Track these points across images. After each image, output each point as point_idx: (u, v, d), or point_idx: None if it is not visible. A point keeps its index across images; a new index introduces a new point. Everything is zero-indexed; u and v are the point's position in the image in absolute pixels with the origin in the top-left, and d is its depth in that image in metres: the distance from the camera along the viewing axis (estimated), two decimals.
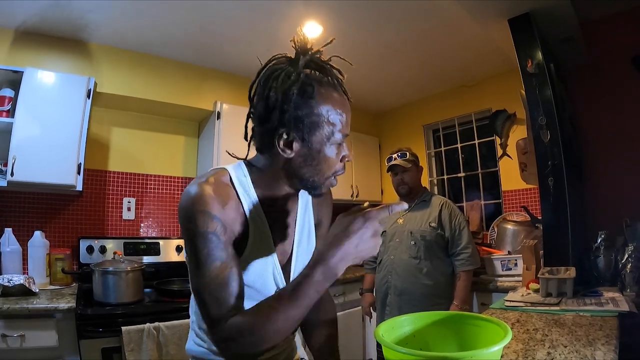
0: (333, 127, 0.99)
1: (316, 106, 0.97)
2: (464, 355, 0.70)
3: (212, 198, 0.95)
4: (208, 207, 0.93)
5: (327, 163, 1.02)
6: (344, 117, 1.01)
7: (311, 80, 0.98)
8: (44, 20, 2.74)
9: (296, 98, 0.96)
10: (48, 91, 2.68)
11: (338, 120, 1.00)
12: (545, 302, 1.83)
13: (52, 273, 2.74)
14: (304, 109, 0.97)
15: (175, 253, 3.37)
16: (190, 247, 0.93)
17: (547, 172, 2.30)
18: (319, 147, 1.00)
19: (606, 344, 1.23)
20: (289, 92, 0.96)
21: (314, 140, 0.99)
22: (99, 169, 3.29)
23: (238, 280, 0.94)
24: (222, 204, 0.96)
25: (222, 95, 3.59)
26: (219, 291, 0.91)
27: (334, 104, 1.00)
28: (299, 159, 1.00)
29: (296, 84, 0.96)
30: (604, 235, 2.31)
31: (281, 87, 0.96)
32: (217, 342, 0.92)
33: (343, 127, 1.01)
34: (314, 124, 0.98)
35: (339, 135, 1.01)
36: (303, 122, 0.97)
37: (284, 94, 0.96)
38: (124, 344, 2.25)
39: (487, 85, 4.03)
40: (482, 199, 4.07)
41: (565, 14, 2.51)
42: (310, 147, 1.00)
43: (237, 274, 0.95)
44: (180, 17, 2.82)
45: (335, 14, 2.86)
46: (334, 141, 1.01)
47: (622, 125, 2.83)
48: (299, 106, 0.97)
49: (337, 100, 1.00)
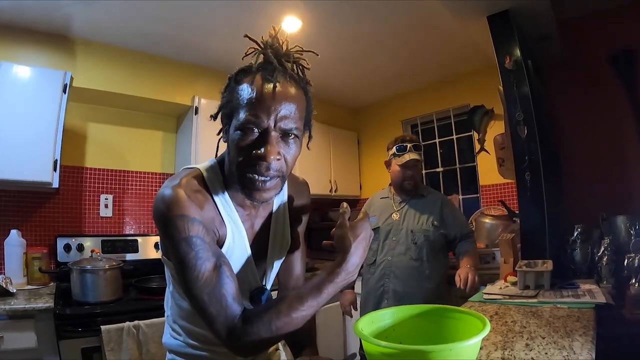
0: (240, 107, 0.92)
1: (238, 90, 0.94)
2: (443, 348, 0.70)
3: (188, 201, 0.93)
4: (185, 210, 0.91)
5: (234, 149, 0.94)
6: (253, 97, 0.90)
7: (250, 68, 0.95)
8: (20, 13, 2.68)
9: (229, 84, 0.98)
10: (23, 86, 2.62)
11: (246, 101, 0.91)
12: (523, 295, 1.86)
13: (30, 272, 2.69)
14: (230, 94, 0.96)
15: (154, 250, 3.34)
16: (175, 253, 0.91)
17: (524, 167, 2.33)
18: (232, 133, 0.94)
19: (584, 335, 1.25)
20: (229, 80, 0.98)
21: (230, 126, 0.96)
22: (75, 165, 3.24)
23: (231, 276, 0.94)
24: (198, 206, 0.95)
25: (200, 90, 3.57)
26: (216, 292, 0.90)
27: (250, 83, 0.92)
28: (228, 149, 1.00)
29: (236, 71, 0.97)
30: (580, 229, 2.34)
31: (231, 75, 0.98)
32: (226, 342, 0.91)
33: (251, 110, 0.90)
34: (233, 107, 0.94)
35: (243, 116, 0.90)
36: (227, 106, 0.97)
37: (226, 83, 0.99)
38: (104, 344, 2.23)
39: (466, 81, 4.06)
40: (460, 193, 4.12)
41: (544, 12, 2.54)
42: (228, 132, 0.97)
43: (228, 270, 0.94)
44: (158, 10, 2.78)
45: (315, 9, 2.86)
46: (238, 123, 0.91)
47: (597, 121, 2.89)
48: (227, 92, 0.98)
49: (257, 81, 0.92)
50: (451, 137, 4.26)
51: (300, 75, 0.99)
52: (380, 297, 2.54)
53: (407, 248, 2.51)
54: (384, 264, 2.55)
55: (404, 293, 2.46)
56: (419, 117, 4.56)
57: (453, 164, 4.25)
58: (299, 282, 1.32)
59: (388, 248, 2.57)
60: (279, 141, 0.92)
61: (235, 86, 0.95)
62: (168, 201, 0.91)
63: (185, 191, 0.94)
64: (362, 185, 5.01)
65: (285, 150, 0.94)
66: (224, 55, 3.40)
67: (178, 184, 0.95)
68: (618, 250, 2.08)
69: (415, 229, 2.53)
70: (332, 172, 4.53)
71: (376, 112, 5.03)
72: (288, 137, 0.94)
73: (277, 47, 0.96)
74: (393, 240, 2.56)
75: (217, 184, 1.04)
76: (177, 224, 0.89)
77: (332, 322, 3.68)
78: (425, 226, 2.53)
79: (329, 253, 4.20)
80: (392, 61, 3.81)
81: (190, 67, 3.64)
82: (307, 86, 1.01)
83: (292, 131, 0.93)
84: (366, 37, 3.31)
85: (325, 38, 3.23)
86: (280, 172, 0.95)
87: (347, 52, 3.56)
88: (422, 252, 2.48)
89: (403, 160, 2.55)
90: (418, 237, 2.51)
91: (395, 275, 2.51)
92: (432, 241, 2.50)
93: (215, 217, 1.00)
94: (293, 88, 0.94)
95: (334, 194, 4.48)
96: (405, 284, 2.47)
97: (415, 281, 2.47)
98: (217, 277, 0.90)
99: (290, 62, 0.97)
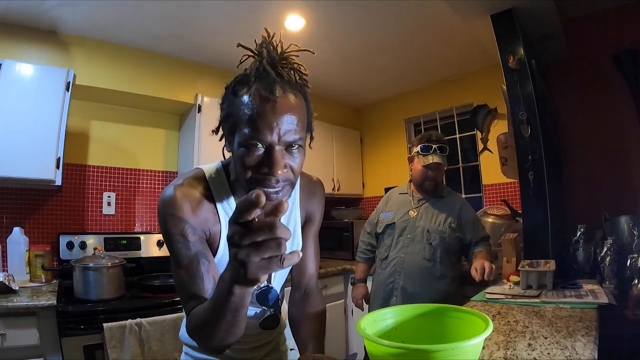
0: (242, 122, 0.92)
1: (238, 103, 0.94)
2: (446, 347, 0.70)
3: (183, 201, 1.00)
4: (177, 210, 0.99)
5: (239, 164, 0.95)
6: (255, 113, 0.90)
7: (246, 78, 0.95)
8: (22, 12, 2.68)
9: (226, 95, 0.98)
10: (26, 84, 2.62)
11: (247, 117, 0.90)
12: (526, 295, 1.85)
13: (32, 270, 2.70)
14: (230, 107, 0.96)
15: (157, 248, 3.34)
16: (167, 246, 1.02)
17: (528, 166, 2.33)
18: (236, 148, 0.94)
19: (586, 335, 1.25)
20: (226, 90, 0.98)
21: (234, 140, 0.96)
22: (78, 163, 3.24)
23: (206, 274, 1.00)
24: (192, 207, 1.01)
25: (203, 88, 3.58)
26: (187, 284, 0.98)
27: (250, 97, 0.92)
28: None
29: (233, 82, 0.96)
30: (583, 229, 2.34)
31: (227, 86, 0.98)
32: (188, 333, 1.01)
33: (253, 127, 0.89)
34: (235, 122, 0.94)
35: (246, 132, 0.90)
36: (228, 120, 0.97)
37: (223, 93, 0.99)
38: (106, 341, 2.23)
39: (469, 80, 4.06)
40: (463, 192, 4.11)
41: (547, 11, 2.53)
42: (232, 144, 0.98)
43: (207, 269, 1.00)
44: (161, 8, 2.78)
45: (318, 7, 2.85)
46: (241, 139, 0.92)
47: (601, 121, 2.88)
48: (226, 104, 0.98)
49: (256, 94, 0.91)
50: (454, 136, 4.24)
51: (298, 80, 0.98)
52: (389, 293, 2.54)
53: (421, 247, 2.49)
54: (396, 260, 2.54)
55: (414, 292, 2.44)
56: (422, 116, 4.55)
57: (456, 163, 4.23)
58: (312, 281, 1.33)
59: (402, 245, 2.55)
60: (284, 155, 0.93)
61: (233, 98, 0.95)
62: (166, 199, 1.00)
63: (183, 191, 1.02)
64: (365, 184, 5.00)
65: (290, 160, 0.94)
66: (227, 53, 3.39)
67: (180, 184, 1.03)
68: (621, 250, 2.07)
69: (431, 228, 2.50)
70: (335, 170, 4.52)
71: (379, 110, 5.01)
72: (292, 147, 0.94)
73: (272, 53, 0.95)
74: (408, 237, 2.54)
75: (221, 186, 1.08)
76: (168, 220, 0.99)
77: (334, 321, 3.68)
78: (442, 227, 2.50)
79: (331, 252, 4.22)
80: (395, 60, 3.80)
81: (193, 65, 3.64)
82: (305, 90, 1.01)
83: (296, 142, 0.93)
84: (369, 36, 3.30)
85: (328, 36, 3.22)
86: (289, 181, 0.96)
87: (351, 50, 3.55)
88: (436, 253, 2.46)
89: (426, 162, 2.51)
90: (434, 237, 2.48)
91: (406, 273, 2.49)
92: (447, 243, 2.48)
93: (210, 216, 1.05)
94: (292, 97, 0.94)
95: (336, 192, 4.47)
96: (415, 284, 2.46)
97: (426, 281, 2.45)
98: (190, 273, 0.98)
99: (287, 68, 0.96)
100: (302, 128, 0.95)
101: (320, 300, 1.34)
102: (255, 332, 1.20)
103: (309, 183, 1.28)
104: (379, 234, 2.72)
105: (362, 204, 4.99)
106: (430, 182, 2.56)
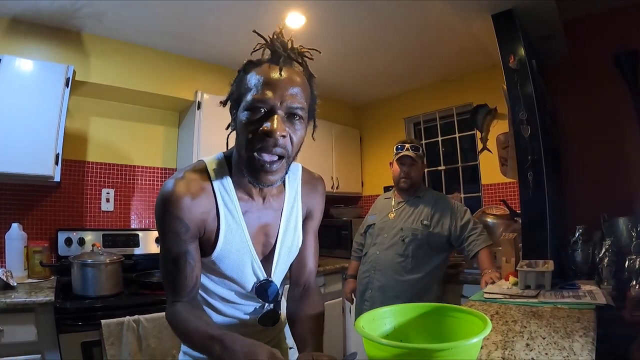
0: (248, 90, 0.98)
1: (247, 78, 1.00)
2: (444, 347, 0.70)
3: (182, 196, 1.02)
4: (174, 207, 1.01)
5: (242, 129, 0.99)
6: (261, 80, 0.96)
7: (257, 60, 1.02)
8: (22, 7, 2.67)
9: (237, 76, 1.04)
10: (26, 79, 2.61)
11: (253, 84, 0.97)
12: (524, 295, 1.85)
13: (30, 266, 2.70)
14: (239, 82, 1.03)
15: (155, 245, 3.33)
16: (159, 237, 1.07)
17: (527, 166, 2.33)
18: (240, 115, 1.00)
19: (584, 335, 1.25)
20: (238, 73, 1.05)
21: (238, 111, 1.02)
22: (77, 160, 3.24)
23: (190, 273, 1.04)
24: (190, 201, 1.03)
25: (203, 85, 3.56)
26: (171, 279, 1.06)
27: (258, 70, 0.99)
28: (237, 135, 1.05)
29: (243, 63, 1.03)
30: (581, 230, 2.34)
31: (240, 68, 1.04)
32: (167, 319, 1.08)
33: (258, 91, 0.96)
34: (242, 92, 1.00)
35: (250, 97, 0.96)
36: (235, 93, 1.04)
37: (235, 77, 1.06)
38: (104, 338, 2.22)
39: (469, 79, 4.05)
40: (461, 192, 4.10)
41: (548, 11, 2.53)
42: (236, 121, 1.03)
43: (192, 268, 1.04)
44: (161, 4, 2.77)
45: (318, 5, 2.84)
46: (246, 104, 0.97)
47: (600, 121, 2.89)
48: (236, 81, 1.05)
49: (264, 68, 0.99)
50: (454, 136, 4.24)
51: (305, 67, 1.05)
52: (365, 287, 2.77)
53: (394, 244, 2.69)
54: (372, 257, 2.77)
55: (385, 285, 2.66)
56: (422, 115, 4.54)
57: (455, 163, 4.23)
58: (310, 278, 1.33)
59: (379, 243, 2.77)
60: (285, 120, 0.97)
61: (243, 75, 1.01)
62: (164, 194, 1.03)
63: (182, 185, 1.03)
64: (364, 182, 4.99)
65: (291, 129, 0.98)
66: (228, 50, 3.38)
67: (181, 177, 1.05)
68: (619, 251, 2.07)
69: (405, 227, 2.69)
70: (334, 169, 4.52)
71: (379, 109, 5.01)
72: (294, 117, 0.99)
73: (283, 41, 1.01)
74: (385, 237, 2.75)
75: (222, 175, 1.09)
76: (163, 216, 1.02)
77: (332, 320, 3.69)
78: (414, 225, 2.67)
79: (330, 250, 4.22)
80: (395, 59, 3.79)
81: (193, 62, 3.63)
82: (311, 78, 1.07)
83: (298, 111, 0.98)
84: (370, 35, 3.30)
85: (328, 35, 3.22)
86: (286, 151, 0.99)
87: (351, 49, 3.54)
88: (408, 249, 2.63)
89: (398, 155, 2.75)
90: (406, 235, 2.66)
91: (379, 268, 2.70)
92: (420, 239, 2.62)
93: (210, 210, 1.07)
94: (298, 75, 1.01)
95: (335, 191, 4.47)
96: (387, 277, 2.66)
97: (397, 274, 2.63)
98: (176, 269, 1.04)
99: (295, 54, 1.02)
100: (304, 101, 1.01)
101: (319, 298, 1.34)
102: (255, 330, 1.20)
103: (311, 179, 1.30)
104: (363, 235, 2.97)
105: (361, 202, 4.98)
106: (405, 179, 2.75)
